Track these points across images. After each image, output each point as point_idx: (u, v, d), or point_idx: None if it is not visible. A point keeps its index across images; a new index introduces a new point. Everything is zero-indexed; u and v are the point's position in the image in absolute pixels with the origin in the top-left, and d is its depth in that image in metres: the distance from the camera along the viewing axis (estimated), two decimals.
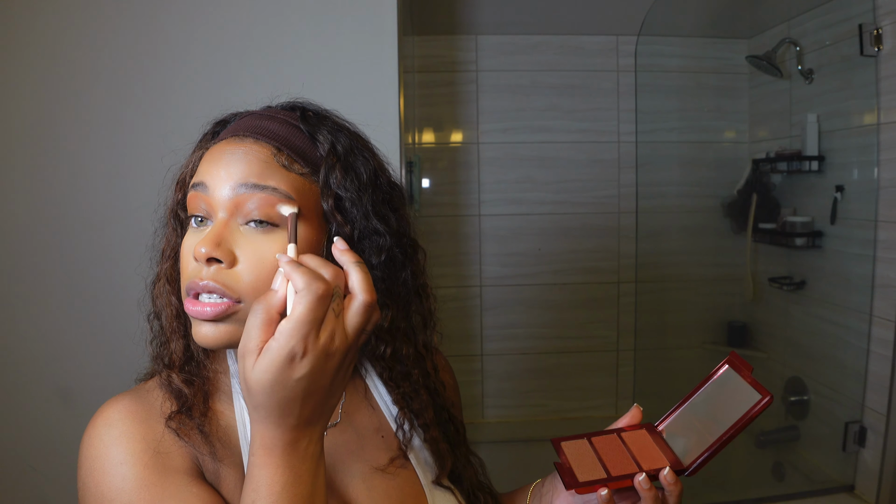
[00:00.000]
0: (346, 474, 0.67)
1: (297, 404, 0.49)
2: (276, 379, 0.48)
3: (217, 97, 0.77)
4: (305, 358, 0.48)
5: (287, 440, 0.50)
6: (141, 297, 0.70)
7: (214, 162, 0.61)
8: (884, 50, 1.66)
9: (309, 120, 0.65)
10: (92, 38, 1.33)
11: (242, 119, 0.66)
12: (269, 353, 0.48)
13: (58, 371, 1.37)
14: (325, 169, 0.63)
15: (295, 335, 0.47)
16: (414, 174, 2.04)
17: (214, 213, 0.60)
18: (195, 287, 0.58)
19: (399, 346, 0.69)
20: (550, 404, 2.47)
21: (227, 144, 0.62)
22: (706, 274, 2.38)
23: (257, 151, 0.61)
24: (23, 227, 1.35)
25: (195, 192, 0.61)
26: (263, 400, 0.48)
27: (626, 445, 0.70)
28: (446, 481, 0.71)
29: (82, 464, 0.59)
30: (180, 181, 0.68)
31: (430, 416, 0.72)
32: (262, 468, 0.50)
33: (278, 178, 0.60)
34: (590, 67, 2.38)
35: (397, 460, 0.69)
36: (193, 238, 0.61)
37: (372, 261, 0.65)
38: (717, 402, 0.69)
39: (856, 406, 1.77)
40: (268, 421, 0.50)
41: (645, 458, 0.67)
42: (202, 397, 0.64)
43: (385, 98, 1.36)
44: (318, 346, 0.48)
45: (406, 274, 0.69)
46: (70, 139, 1.34)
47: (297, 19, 1.36)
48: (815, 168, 1.96)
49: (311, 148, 0.64)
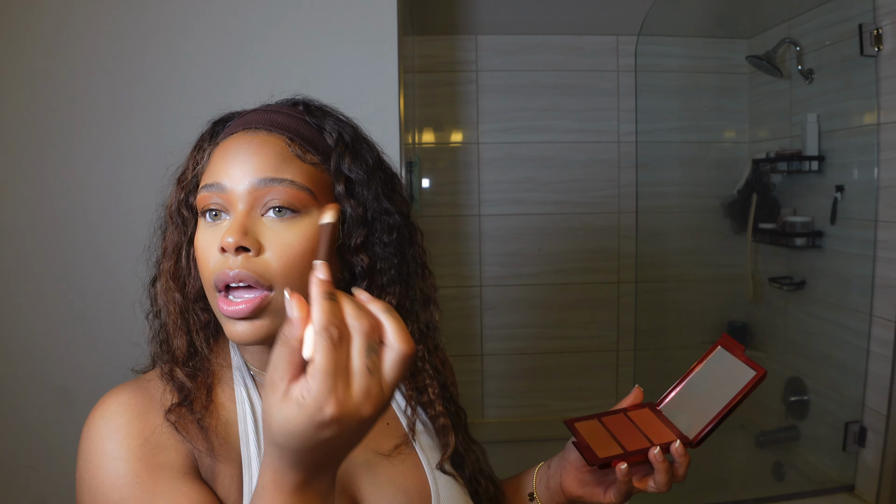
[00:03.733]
0: (349, 462, 0.67)
1: (317, 455, 0.45)
2: (304, 436, 0.43)
3: (217, 97, 0.77)
4: (336, 422, 0.43)
5: (300, 481, 0.47)
6: (140, 296, 0.70)
7: (229, 158, 0.61)
8: (884, 50, 1.66)
9: (313, 113, 0.67)
10: (90, 39, 1.33)
11: (248, 114, 0.67)
12: (300, 410, 0.42)
13: (57, 371, 1.36)
14: (335, 156, 0.65)
15: (324, 393, 0.42)
16: (414, 174, 2.04)
17: (233, 206, 0.60)
18: (225, 278, 0.58)
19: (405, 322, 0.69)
20: (550, 404, 2.47)
21: (239, 138, 0.63)
22: (706, 274, 2.38)
23: (271, 143, 0.61)
24: (22, 227, 1.35)
25: (207, 192, 0.61)
26: (283, 442, 0.44)
27: (634, 423, 0.75)
28: (449, 467, 0.72)
29: (80, 455, 0.60)
30: (181, 179, 0.68)
31: (434, 391, 0.73)
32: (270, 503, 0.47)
33: (294, 169, 0.61)
34: (590, 67, 2.38)
35: (402, 446, 0.70)
36: (211, 232, 0.61)
37: (384, 239, 0.67)
38: (713, 380, 0.74)
39: (856, 406, 1.77)
40: (282, 461, 0.46)
41: (654, 434, 0.72)
42: (205, 391, 0.65)
43: (385, 98, 1.36)
44: (350, 406, 0.43)
45: (413, 251, 0.71)
46: (69, 139, 1.34)
47: (297, 19, 1.36)
48: (815, 168, 1.96)
49: (319, 138, 0.65)
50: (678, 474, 0.70)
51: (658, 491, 0.71)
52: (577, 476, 0.76)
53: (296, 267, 0.59)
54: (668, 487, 0.70)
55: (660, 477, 0.69)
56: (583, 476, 0.76)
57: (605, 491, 0.73)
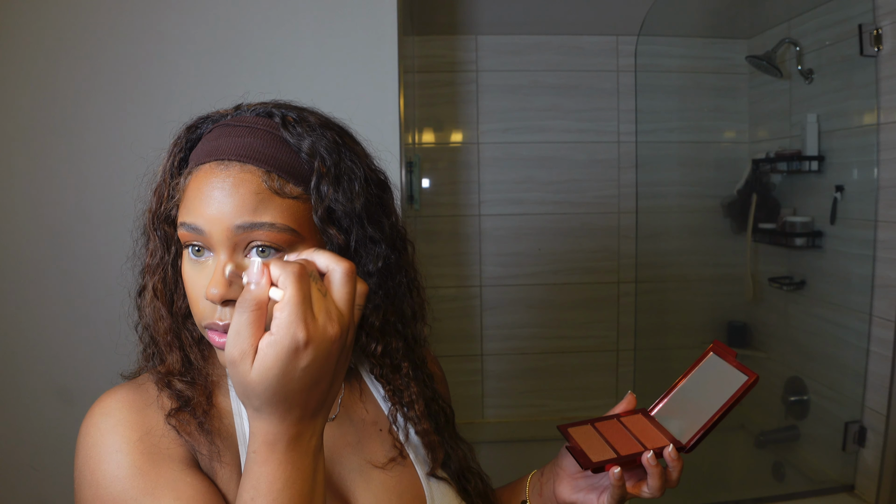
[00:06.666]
0: (344, 468, 0.67)
1: (303, 395, 0.48)
2: (283, 372, 0.46)
3: (217, 98, 0.77)
4: (310, 345, 0.46)
5: (291, 434, 0.49)
6: (128, 308, 0.69)
7: (203, 199, 0.57)
8: (883, 50, 1.66)
9: (290, 128, 0.61)
10: (88, 38, 1.33)
11: (220, 135, 0.60)
12: (274, 347, 0.46)
13: (57, 371, 1.36)
14: (314, 181, 0.59)
15: (294, 321, 0.46)
16: (414, 174, 2.04)
17: (213, 248, 0.58)
18: (216, 328, 0.58)
19: (389, 340, 0.69)
20: (550, 404, 2.47)
21: (210, 173, 0.58)
22: (706, 274, 2.38)
23: (247, 181, 0.57)
24: (21, 226, 1.35)
25: (185, 232, 0.58)
26: (268, 397, 0.47)
27: (627, 429, 0.75)
28: (441, 472, 0.72)
29: (79, 452, 0.60)
30: (157, 191, 0.65)
31: (420, 408, 0.72)
32: (263, 465, 0.49)
33: (273, 209, 0.57)
34: (590, 67, 2.38)
35: (395, 453, 0.70)
36: (197, 269, 0.59)
37: (369, 268, 0.64)
38: (705, 386, 0.75)
39: (856, 406, 1.77)
40: (273, 417, 0.48)
41: (647, 439, 0.73)
42: (205, 397, 0.64)
43: (385, 98, 1.36)
44: (318, 328, 0.47)
45: (401, 276, 0.69)
46: (68, 138, 1.34)
47: (297, 19, 1.36)
48: (814, 168, 1.96)
49: (297, 162, 0.60)
50: (671, 479, 0.70)
51: (651, 496, 0.71)
52: (571, 482, 0.76)
53: None
54: (661, 492, 0.70)
55: (653, 482, 0.69)
56: (576, 482, 0.75)
57: (598, 496, 0.73)
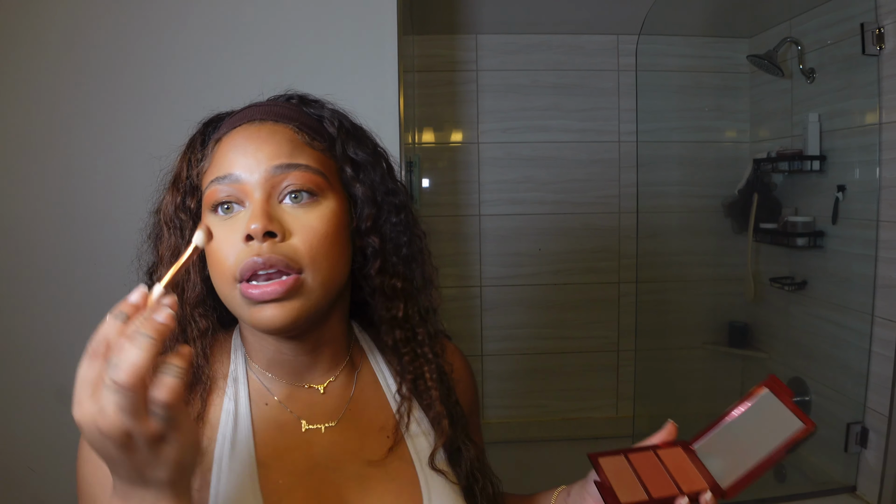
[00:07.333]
0: (340, 475, 0.66)
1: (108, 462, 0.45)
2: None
3: (217, 98, 0.77)
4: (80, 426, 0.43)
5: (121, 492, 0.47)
6: None
7: (239, 149, 0.61)
8: (885, 49, 1.65)
9: (310, 104, 0.69)
10: (87, 39, 1.32)
11: (247, 109, 0.67)
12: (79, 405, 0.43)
13: (57, 372, 1.35)
14: (340, 142, 0.66)
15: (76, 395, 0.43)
16: (414, 174, 2.04)
17: (249, 196, 0.60)
18: (254, 266, 0.57)
19: (409, 305, 0.70)
20: (551, 405, 2.46)
21: (245, 129, 0.63)
22: (707, 274, 2.38)
23: (280, 132, 0.62)
24: (21, 226, 1.35)
25: (219, 186, 0.60)
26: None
27: (663, 464, 0.69)
28: (442, 464, 0.70)
29: (80, 454, 0.61)
30: (175, 182, 0.67)
31: (431, 377, 0.71)
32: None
33: (306, 155, 0.62)
34: (590, 67, 2.38)
35: (395, 448, 0.68)
36: (226, 226, 0.60)
37: (392, 219, 0.69)
38: (754, 425, 0.68)
39: (857, 407, 1.76)
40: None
41: (683, 479, 0.66)
42: (200, 402, 0.64)
43: (385, 98, 1.36)
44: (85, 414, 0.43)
45: (418, 230, 0.72)
46: (67, 137, 1.33)
47: (297, 19, 1.35)
48: (816, 168, 1.95)
49: (321, 127, 0.67)
50: None
51: None
52: None
53: (321, 250, 0.60)
54: None
55: None
56: None
57: None
